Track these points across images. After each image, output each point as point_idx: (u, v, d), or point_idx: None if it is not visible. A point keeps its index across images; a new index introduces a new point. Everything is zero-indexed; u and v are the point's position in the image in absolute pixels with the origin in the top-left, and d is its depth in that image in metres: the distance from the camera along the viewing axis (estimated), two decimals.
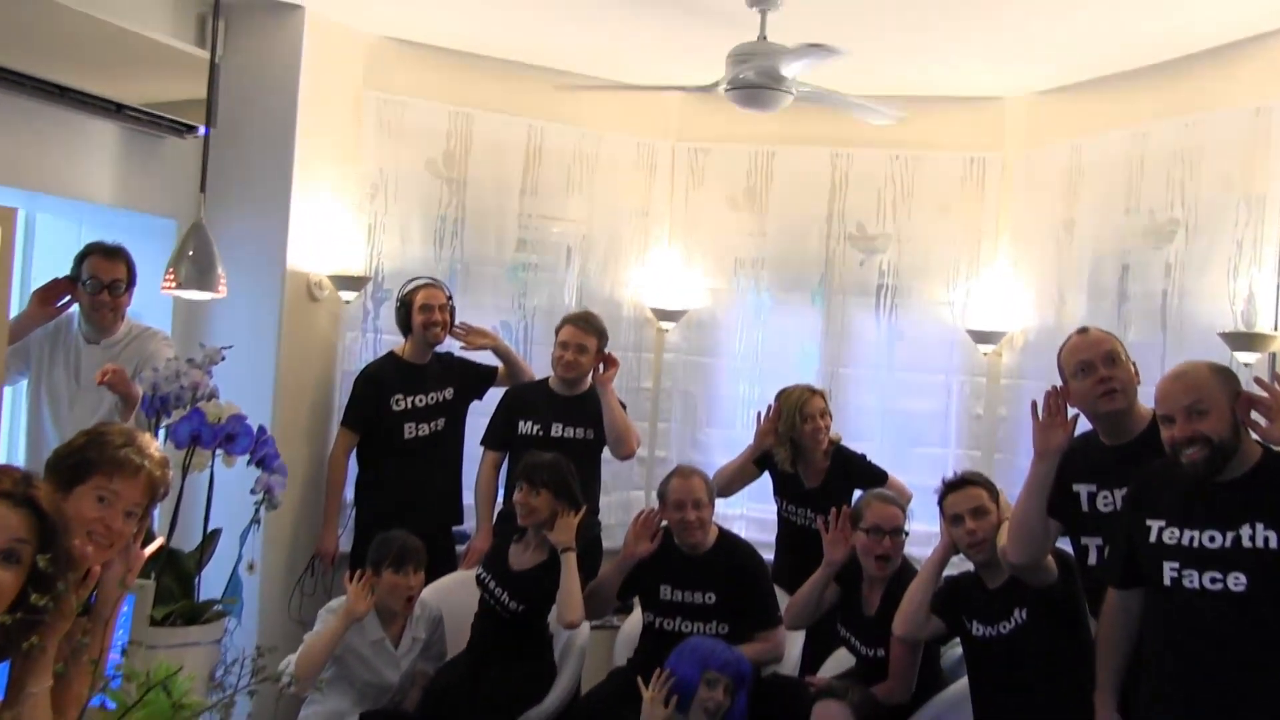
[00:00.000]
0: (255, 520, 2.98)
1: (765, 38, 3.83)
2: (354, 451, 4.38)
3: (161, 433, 2.95)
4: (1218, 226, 4.02)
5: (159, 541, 2.33)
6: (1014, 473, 4.26)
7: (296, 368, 4.45)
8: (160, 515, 2.60)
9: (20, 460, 3.79)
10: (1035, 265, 4.90)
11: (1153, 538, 2.52)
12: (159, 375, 3.00)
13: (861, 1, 3.96)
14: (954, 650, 3.52)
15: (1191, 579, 2.44)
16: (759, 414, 4.19)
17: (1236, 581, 2.39)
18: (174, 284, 3.24)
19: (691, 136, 5.35)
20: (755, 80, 3.77)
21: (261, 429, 2.96)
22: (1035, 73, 4.77)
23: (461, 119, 4.89)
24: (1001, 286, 5.01)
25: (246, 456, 2.92)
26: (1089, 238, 4.59)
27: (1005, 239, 5.01)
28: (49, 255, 4.28)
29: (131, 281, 3.62)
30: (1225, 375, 2.53)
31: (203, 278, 3.25)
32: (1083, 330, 2.96)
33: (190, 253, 3.24)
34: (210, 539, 3.03)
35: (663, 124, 5.33)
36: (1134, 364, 2.88)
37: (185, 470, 2.82)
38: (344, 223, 4.60)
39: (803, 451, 4.06)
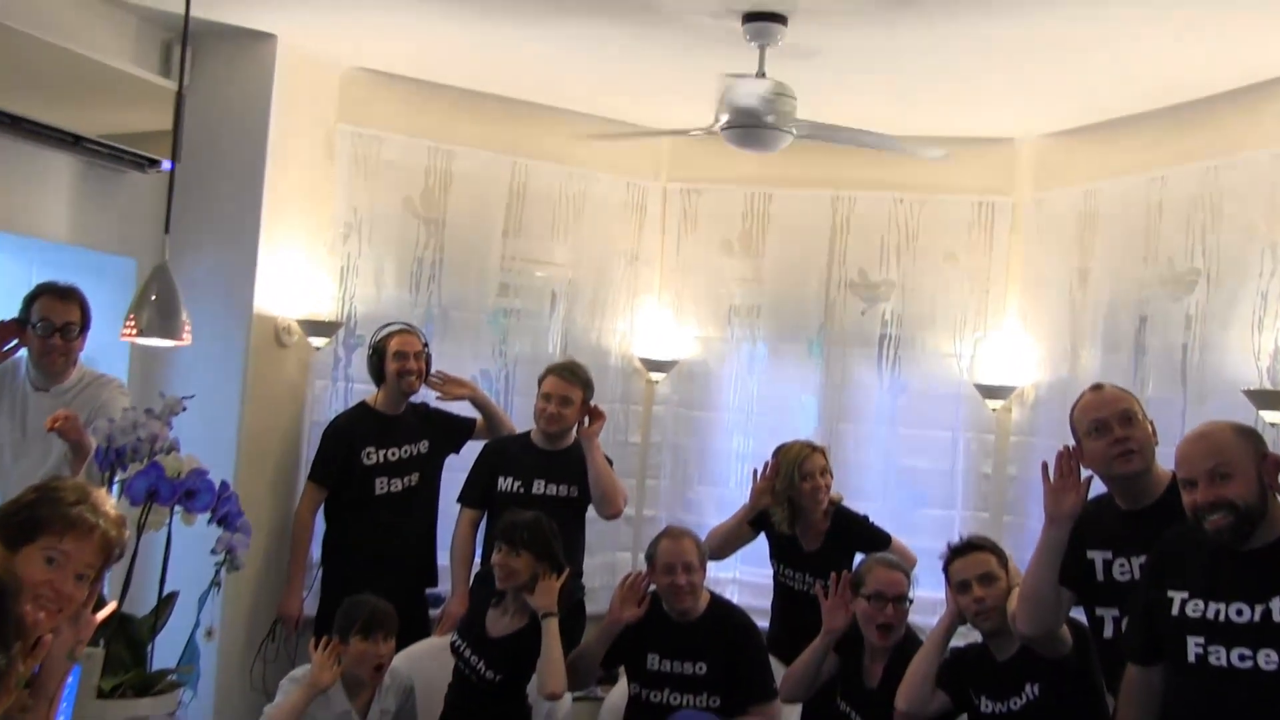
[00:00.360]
0: (215, 583, 2.94)
1: (764, 74, 3.87)
2: (321, 508, 4.35)
3: (116, 488, 2.93)
4: (1241, 277, 4.04)
5: (111, 606, 2.30)
6: (1024, 536, 4.26)
7: (262, 418, 4.45)
8: (111, 577, 2.57)
9: None
10: (1047, 316, 4.91)
11: (1175, 610, 2.49)
12: (114, 426, 2.97)
13: (865, 37, 3.98)
14: None
15: (1218, 656, 2.40)
16: (755, 471, 4.15)
17: (1268, 659, 2.35)
18: (134, 331, 3.18)
19: (684, 177, 5.39)
20: (754, 119, 3.81)
21: (224, 485, 2.93)
22: (1048, 113, 4.81)
23: (441, 156, 4.91)
24: (1011, 338, 5.03)
25: (207, 514, 2.89)
26: (1104, 287, 4.61)
27: (1015, 288, 5.05)
28: None
29: (85, 325, 3.58)
30: (1250, 436, 2.51)
31: (166, 324, 3.20)
32: (1097, 387, 2.95)
33: (153, 297, 3.19)
34: (166, 603, 2.99)
35: (653, 163, 5.37)
36: (1152, 423, 2.86)
37: (141, 529, 2.78)
38: (315, 264, 4.62)
39: (801, 512, 4.03)
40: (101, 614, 2.12)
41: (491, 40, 4.33)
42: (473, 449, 4.43)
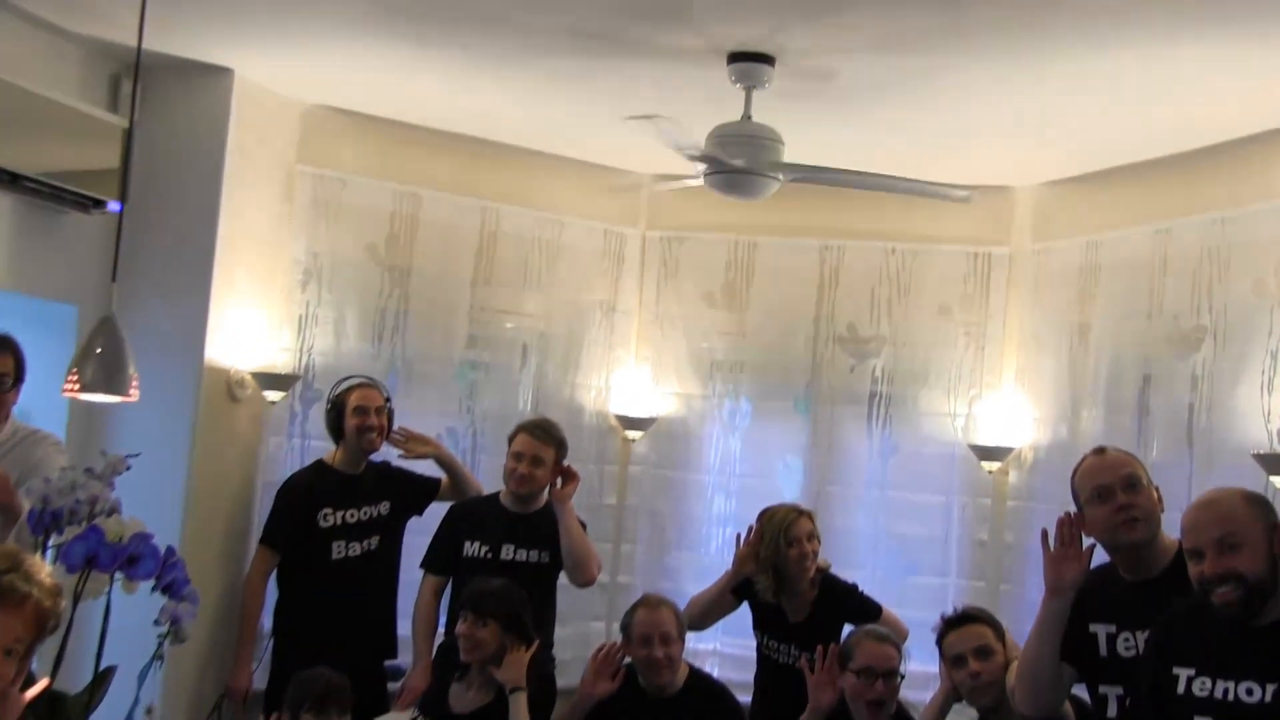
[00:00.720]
0: (158, 656, 2.89)
1: (750, 117, 3.92)
2: (274, 574, 4.31)
3: (50, 553, 2.88)
4: (1250, 334, 4.07)
5: (42, 684, 2.25)
6: (1023, 607, 4.25)
7: (212, 478, 4.41)
8: (42, 651, 2.53)
9: None
10: (1046, 374, 4.93)
11: (1181, 688, 2.48)
12: (50, 487, 2.91)
13: (855, 80, 4.01)
14: None
15: None
16: (738, 536, 4.12)
17: None
18: (77, 387, 3.12)
19: (664, 224, 5.42)
20: (740, 164, 3.83)
21: (170, 550, 2.89)
22: (1048, 160, 4.85)
23: (407, 199, 4.93)
24: (1008, 397, 5.05)
25: (151, 582, 2.85)
26: (1106, 344, 4.64)
27: (1013, 344, 5.07)
28: None
29: (20, 376, 3.49)
30: (1260, 504, 2.50)
31: (112, 380, 3.14)
32: (1099, 450, 2.95)
33: (98, 350, 3.12)
34: (102, 678, 2.93)
35: (631, 209, 5.40)
36: (1157, 489, 2.87)
37: (77, 598, 2.74)
38: (271, 313, 4.62)
39: (787, 580, 3.97)
40: (30, 693, 2.07)
41: (463, 78, 4.36)
42: (437, 511, 4.39)
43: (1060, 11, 3.35)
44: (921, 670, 3.78)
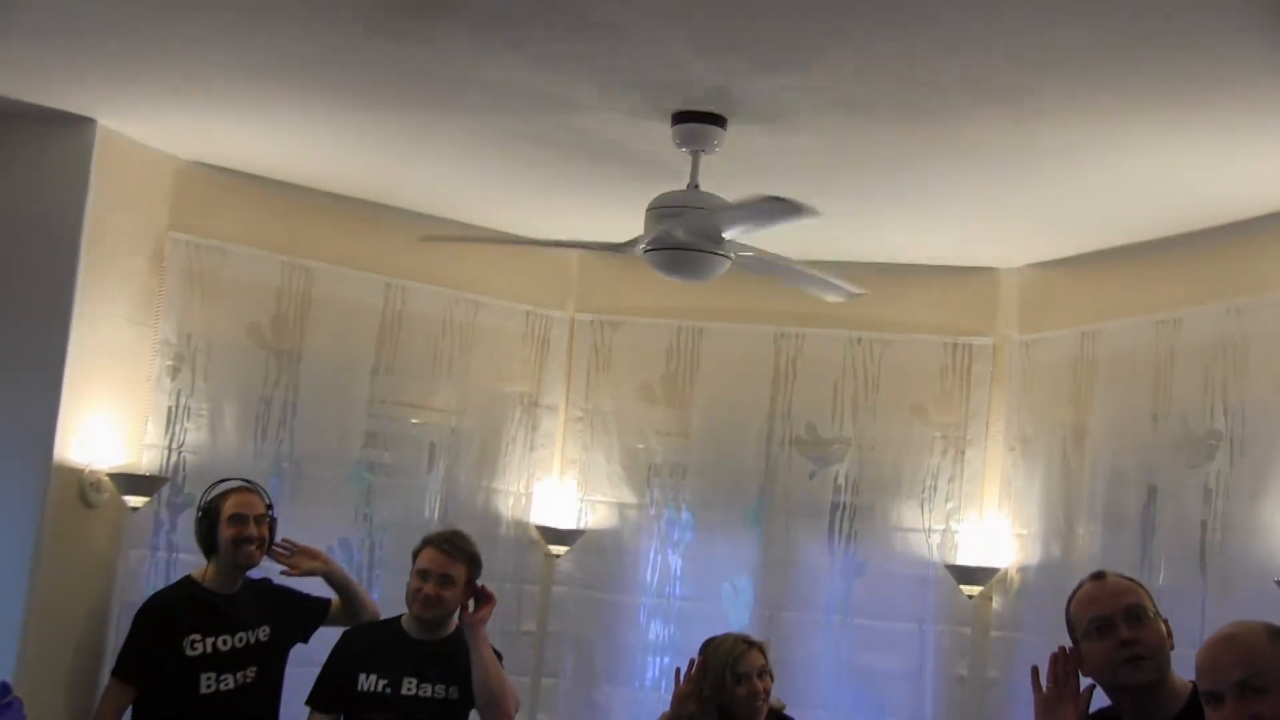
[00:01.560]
0: None
1: (698, 186, 3.88)
2: (129, 712, 4.15)
3: None
4: (1271, 440, 4.07)
5: None
6: None
7: (58, 598, 4.30)
8: None
9: None
10: (1036, 484, 4.91)
11: None
12: None
13: (818, 146, 4.03)
14: None
15: None
16: (677, 670, 4.06)
17: None
18: None
19: (596, 306, 5.43)
20: (684, 240, 3.81)
21: (3, 686, 2.83)
22: (1037, 239, 4.87)
23: (297, 273, 4.91)
24: (992, 511, 5.04)
25: None
26: (1105, 451, 4.62)
27: (997, 449, 5.07)
28: None
29: None
30: None
31: None
32: (1098, 575, 2.91)
33: None
34: None
35: (559, 289, 5.41)
36: (1166, 621, 2.82)
37: None
38: (134, 404, 4.54)
39: None
40: None
41: (363, 135, 4.35)
42: (326, 638, 4.27)
43: (1052, 78, 3.35)
44: None
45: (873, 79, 3.51)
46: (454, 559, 4.14)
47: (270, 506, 4.30)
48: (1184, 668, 2.69)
